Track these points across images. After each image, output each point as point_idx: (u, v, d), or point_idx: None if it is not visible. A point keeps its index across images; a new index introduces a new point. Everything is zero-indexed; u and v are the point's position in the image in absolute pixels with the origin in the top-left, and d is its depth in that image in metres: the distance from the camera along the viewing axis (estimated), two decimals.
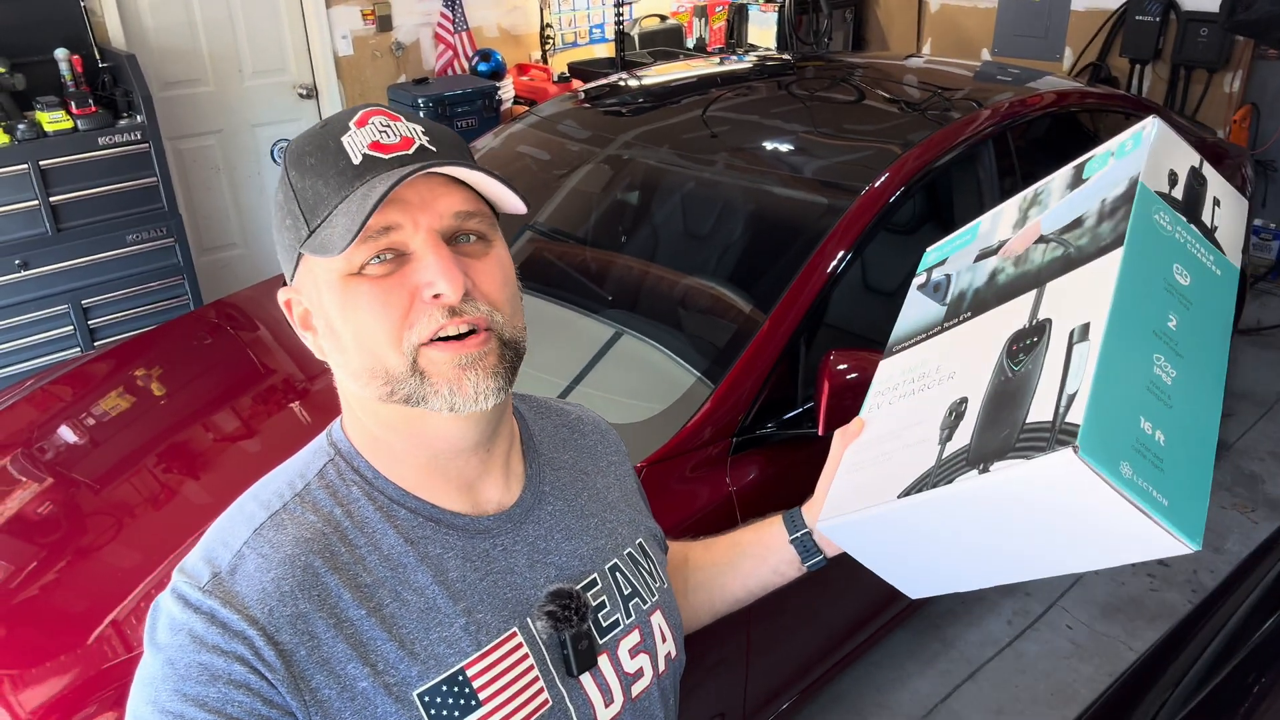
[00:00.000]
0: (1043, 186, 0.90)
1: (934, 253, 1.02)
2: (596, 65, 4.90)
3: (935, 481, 0.71)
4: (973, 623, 2.56)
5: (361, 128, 0.69)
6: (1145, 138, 0.81)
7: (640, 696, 0.82)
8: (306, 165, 0.70)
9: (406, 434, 0.74)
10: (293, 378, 2.10)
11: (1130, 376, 0.65)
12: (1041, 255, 0.81)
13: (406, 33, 4.64)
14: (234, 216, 4.35)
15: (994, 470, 0.65)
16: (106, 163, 3.33)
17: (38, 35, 3.36)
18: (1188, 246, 0.76)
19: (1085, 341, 0.66)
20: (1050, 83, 2.79)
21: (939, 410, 0.77)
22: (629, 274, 2.21)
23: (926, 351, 0.87)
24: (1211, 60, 4.52)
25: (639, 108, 2.68)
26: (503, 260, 0.73)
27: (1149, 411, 0.64)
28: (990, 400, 0.72)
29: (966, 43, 5.54)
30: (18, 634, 1.46)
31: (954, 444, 0.72)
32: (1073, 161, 0.87)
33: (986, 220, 0.95)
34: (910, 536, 0.77)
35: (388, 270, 0.68)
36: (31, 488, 1.77)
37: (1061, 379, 0.66)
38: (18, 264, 3.22)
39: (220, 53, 4.10)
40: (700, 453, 1.66)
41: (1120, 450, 0.61)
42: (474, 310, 0.69)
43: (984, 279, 0.87)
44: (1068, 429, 0.61)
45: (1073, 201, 0.82)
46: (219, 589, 0.67)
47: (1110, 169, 0.81)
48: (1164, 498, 0.61)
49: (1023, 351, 0.72)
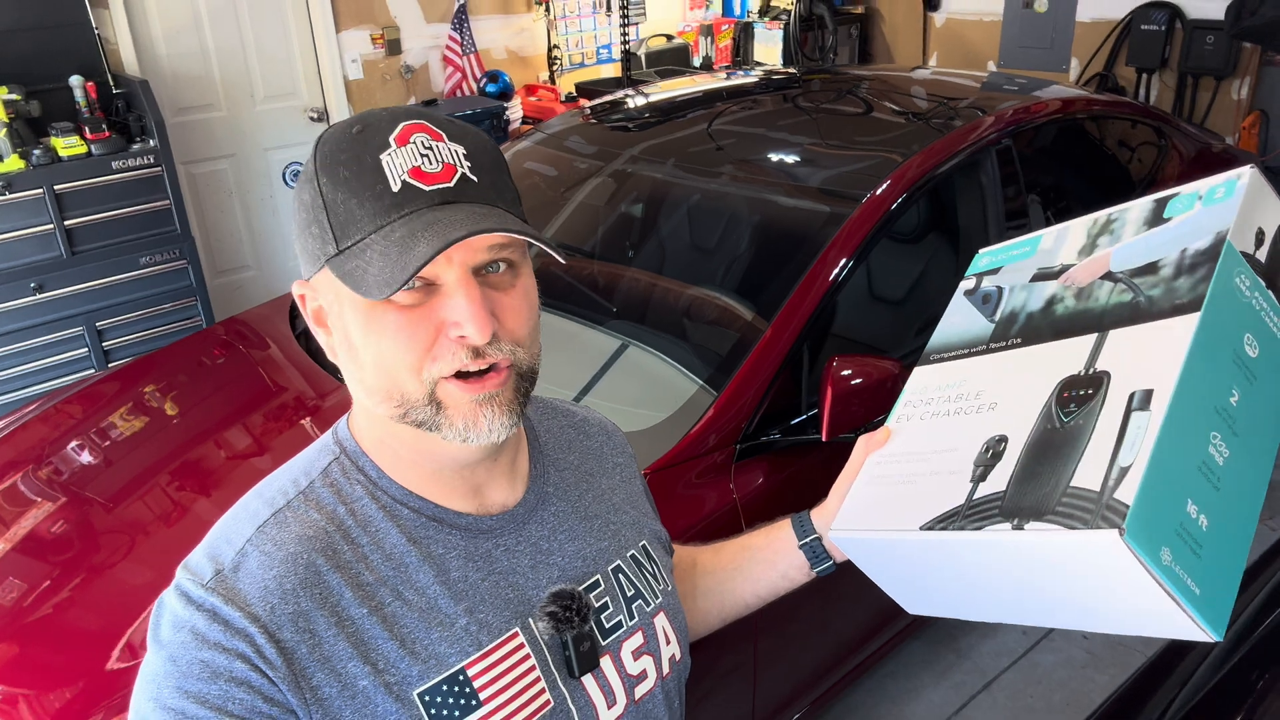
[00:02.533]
0: (1117, 214, 0.84)
1: (986, 256, 0.96)
2: (604, 85, 4.94)
3: (963, 524, 0.68)
4: (987, 634, 2.54)
5: (402, 146, 0.66)
6: (1239, 188, 0.75)
7: (644, 699, 0.82)
8: (340, 177, 0.66)
9: (414, 448, 0.74)
10: (303, 394, 2.11)
11: (1185, 455, 0.62)
12: (1107, 295, 0.76)
13: (415, 56, 4.70)
14: (246, 239, 4.40)
15: (1029, 529, 0.63)
16: (120, 187, 3.38)
17: (53, 63, 3.43)
18: (1263, 315, 0.71)
19: (1146, 411, 0.63)
20: (1055, 91, 2.80)
21: (975, 442, 0.74)
22: (634, 285, 2.22)
23: (968, 371, 0.84)
24: (1218, 67, 4.52)
25: (644, 123, 2.71)
26: (529, 291, 0.72)
27: (1197, 494, 0.62)
28: (1033, 447, 0.69)
29: (972, 56, 5.56)
30: (31, 652, 1.47)
31: (988, 486, 0.69)
32: (1153, 194, 0.82)
33: (1050, 236, 0.89)
34: (923, 567, 0.76)
35: (416, 301, 0.66)
36: (45, 506, 1.79)
37: (1115, 446, 0.63)
38: (33, 287, 3.27)
39: (232, 78, 4.16)
40: (704, 460, 1.66)
41: (1164, 535, 0.59)
42: (497, 353, 0.68)
43: (1040, 304, 0.82)
44: (1115, 507, 0.59)
45: (1149, 242, 0.77)
46: (221, 586, 0.67)
47: (1196, 215, 0.76)
48: (1197, 586, 0.59)
49: (1075, 402, 0.69)
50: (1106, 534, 0.58)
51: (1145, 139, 3.00)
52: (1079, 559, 0.61)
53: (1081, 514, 0.60)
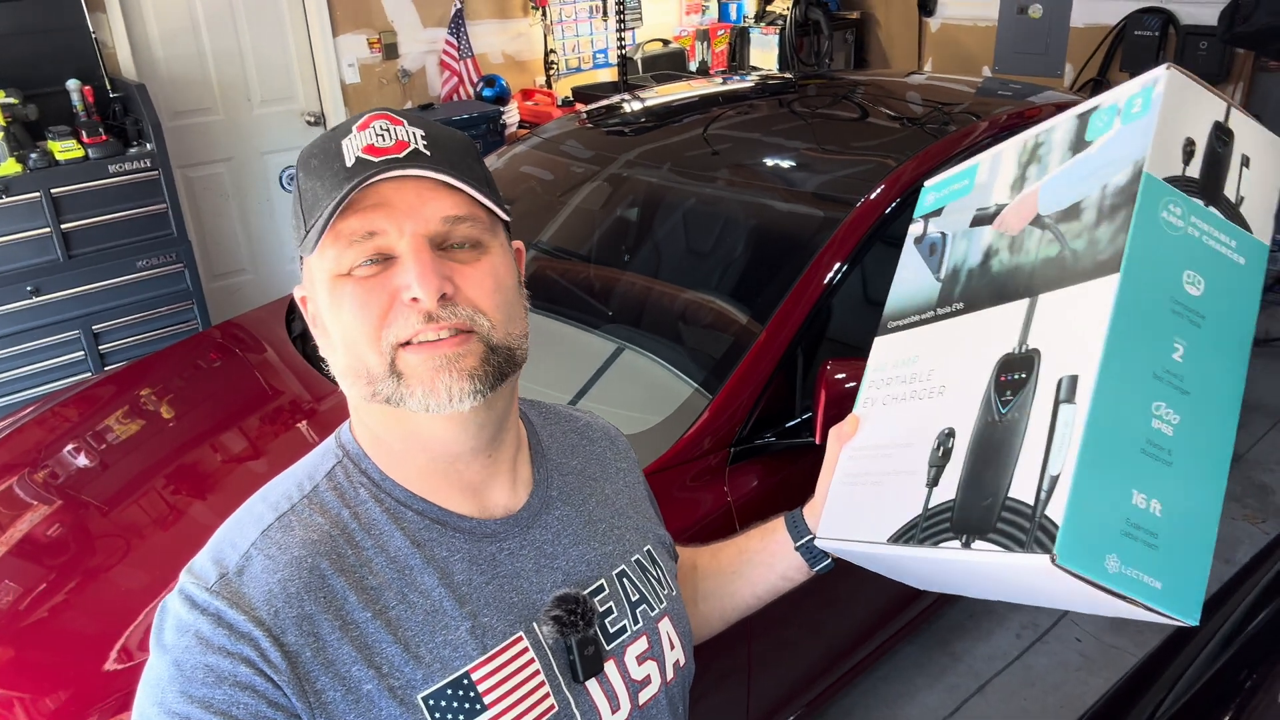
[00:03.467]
0: (1044, 135, 0.77)
1: (931, 193, 0.91)
2: (600, 89, 4.96)
3: (921, 536, 0.68)
4: (981, 637, 2.54)
5: (362, 131, 0.70)
6: (1155, 97, 0.65)
7: (648, 704, 0.81)
8: (310, 167, 0.71)
9: (400, 434, 0.74)
10: (299, 398, 2.11)
11: (1121, 444, 0.57)
12: (1036, 247, 0.70)
13: (412, 60, 4.71)
14: (243, 242, 4.40)
15: (974, 549, 0.62)
16: (117, 190, 3.38)
17: (50, 67, 3.43)
18: (1203, 241, 0.64)
19: (1072, 405, 0.59)
20: (1049, 96, 2.81)
21: (928, 435, 0.73)
22: (629, 289, 2.23)
23: (920, 345, 0.81)
24: (1212, 73, 4.54)
25: (640, 127, 2.71)
26: (496, 267, 0.72)
27: (1143, 480, 0.57)
28: (976, 446, 0.67)
29: (967, 61, 5.58)
30: (27, 656, 1.46)
31: (941, 491, 0.68)
32: (1075, 108, 0.75)
33: (985, 163, 0.84)
34: (907, 568, 0.76)
35: (374, 273, 0.68)
36: (41, 509, 1.79)
37: (1045, 449, 0.59)
38: (30, 290, 3.27)
39: (229, 82, 4.17)
40: (699, 463, 1.67)
41: (1105, 543, 0.55)
42: (452, 316, 0.68)
43: (978, 258, 0.78)
44: (1046, 527, 0.56)
45: (1072, 174, 0.71)
46: (226, 590, 0.67)
47: (1116, 136, 0.68)
48: (1156, 580, 0.56)
49: (1010, 389, 0.65)
50: (1039, 559, 0.55)
51: None
52: (1029, 576, 0.58)
53: (1018, 533, 0.58)
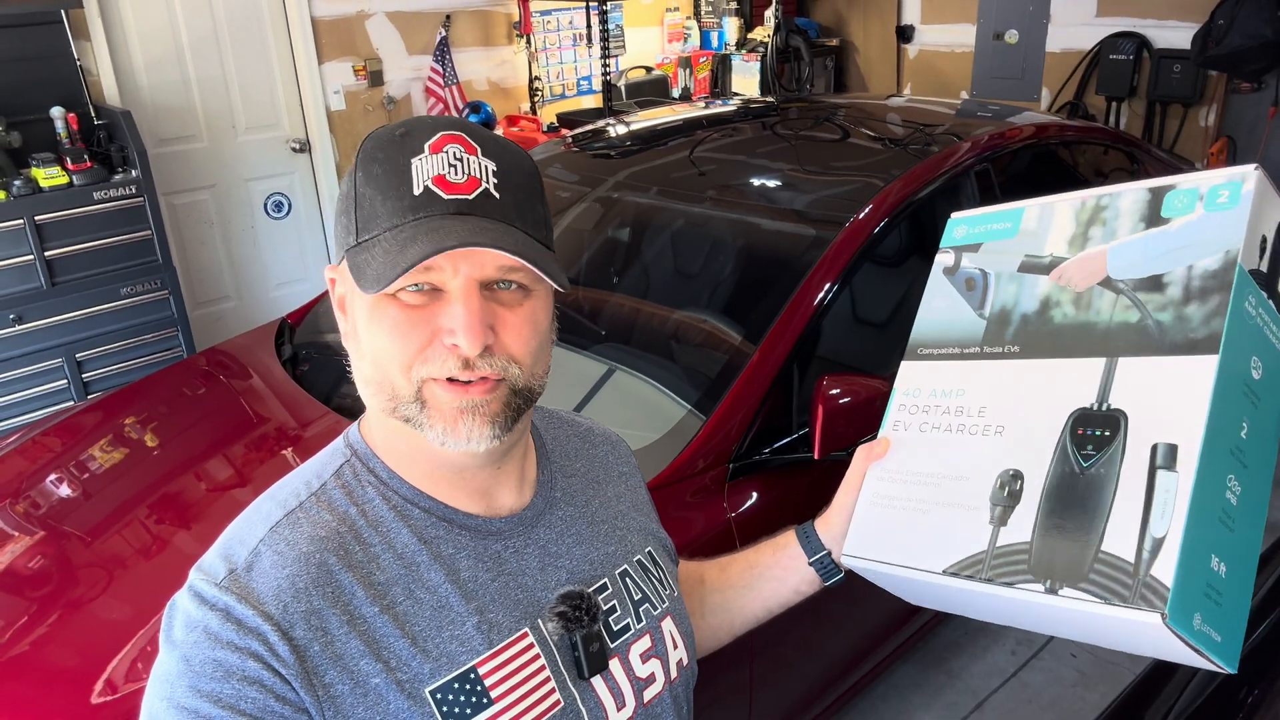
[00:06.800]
0: (1107, 200, 0.77)
1: (963, 225, 0.89)
2: (585, 115, 4.99)
3: (990, 574, 0.67)
4: (977, 654, 2.54)
5: (435, 154, 0.68)
6: (1244, 195, 0.68)
7: (652, 702, 0.82)
8: (373, 173, 0.69)
9: (414, 445, 0.75)
10: (285, 425, 2.09)
11: (1210, 513, 0.61)
12: (1110, 310, 0.71)
13: (398, 87, 4.73)
14: (227, 269, 4.38)
15: (1063, 595, 0.62)
16: (101, 217, 3.36)
17: (34, 94, 3.42)
18: (1265, 331, 0.68)
19: (1173, 473, 0.61)
20: (1029, 117, 2.85)
21: (986, 472, 0.72)
22: (621, 311, 2.23)
23: (965, 379, 0.79)
24: (1186, 95, 4.63)
25: (627, 150, 2.73)
26: (536, 315, 0.72)
27: (1219, 546, 0.61)
28: (1054, 493, 0.67)
29: (945, 86, 5.67)
30: (9, 689, 1.43)
31: (1010, 532, 0.68)
32: (1144, 181, 0.77)
33: (1033, 214, 0.83)
34: (944, 598, 0.75)
35: (420, 302, 0.68)
36: (23, 540, 1.75)
37: (1144, 511, 0.61)
38: (12, 318, 3.24)
39: (214, 109, 4.17)
40: (697, 479, 1.66)
41: (1196, 603, 0.59)
42: (488, 367, 0.68)
43: (1034, 306, 0.77)
44: (1155, 587, 0.58)
45: (1149, 245, 0.72)
46: (235, 585, 0.68)
47: (1198, 221, 0.70)
48: (1218, 634, 0.60)
49: (1092, 444, 0.66)
50: (1149, 615, 0.57)
51: (1118, 164, 3.06)
52: (1116, 627, 0.60)
53: (1119, 588, 0.60)
